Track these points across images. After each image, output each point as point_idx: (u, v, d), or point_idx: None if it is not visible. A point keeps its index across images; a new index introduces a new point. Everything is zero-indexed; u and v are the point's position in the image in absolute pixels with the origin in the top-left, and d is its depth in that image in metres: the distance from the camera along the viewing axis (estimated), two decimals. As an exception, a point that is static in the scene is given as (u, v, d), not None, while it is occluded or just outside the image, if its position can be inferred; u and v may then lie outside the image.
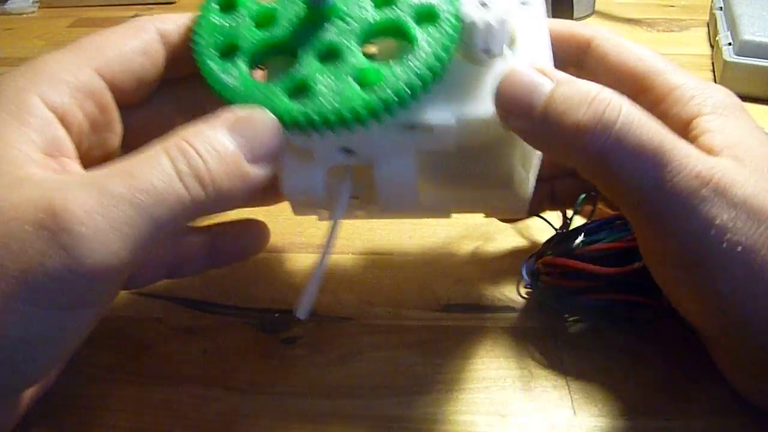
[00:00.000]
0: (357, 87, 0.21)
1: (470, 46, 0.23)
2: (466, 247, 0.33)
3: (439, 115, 0.23)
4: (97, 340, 0.29)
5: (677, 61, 0.26)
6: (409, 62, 0.22)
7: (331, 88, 0.22)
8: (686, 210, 0.21)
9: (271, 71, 0.24)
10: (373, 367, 0.28)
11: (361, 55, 0.22)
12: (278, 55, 0.23)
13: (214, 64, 0.23)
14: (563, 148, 0.22)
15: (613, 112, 0.21)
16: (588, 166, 0.22)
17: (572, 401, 0.26)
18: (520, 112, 0.22)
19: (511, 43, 0.24)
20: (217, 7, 0.24)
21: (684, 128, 0.24)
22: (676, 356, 0.27)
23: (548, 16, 0.25)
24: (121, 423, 0.26)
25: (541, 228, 0.32)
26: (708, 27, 0.57)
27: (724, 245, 0.21)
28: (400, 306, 0.30)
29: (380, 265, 0.33)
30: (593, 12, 0.63)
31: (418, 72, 0.21)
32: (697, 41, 0.55)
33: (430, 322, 0.30)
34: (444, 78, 0.22)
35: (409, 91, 0.21)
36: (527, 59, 0.24)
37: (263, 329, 0.29)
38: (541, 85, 0.22)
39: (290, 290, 0.31)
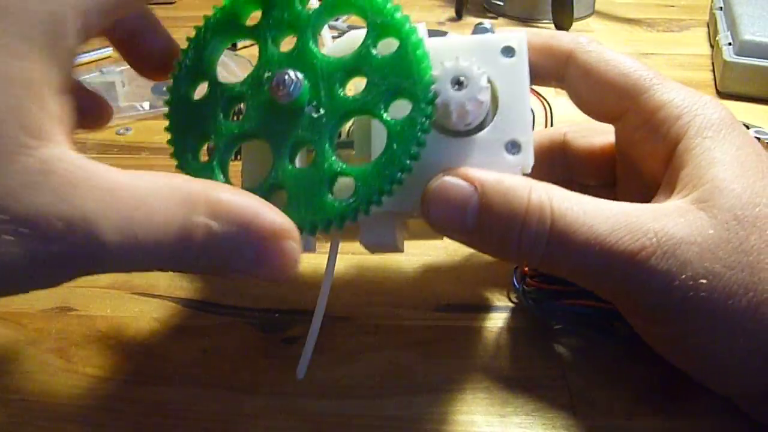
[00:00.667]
0: (329, 197, 0.21)
1: (446, 125, 0.23)
2: (466, 247, 0.33)
3: (410, 203, 0.23)
4: (97, 340, 0.29)
5: (677, 61, 0.26)
6: (382, 162, 0.21)
7: (304, 197, 0.22)
8: (640, 284, 0.21)
9: (246, 160, 0.25)
10: (373, 367, 0.28)
11: (332, 157, 0.22)
12: (251, 139, 0.23)
13: (192, 170, 0.23)
14: (505, 254, 0.23)
15: (542, 219, 0.21)
16: (535, 266, 0.23)
17: (572, 401, 0.26)
18: (453, 230, 0.22)
19: (494, 106, 0.23)
20: (187, 79, 0.24)
21: (669, 155, 0.24)
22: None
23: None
24: (121, 423, 0.26)
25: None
26: (708, 27, 0.57)
27: (686, 300, 0.21)
28: (400, 306, 0.30)
29: (380, 265, 0.33)
30: (593, 12, 0.63)
31: (390, 174, 0.21)
32: (697, 41, 0.55)
33: (430, 322, 0.30)
34: (421, 156, 0.22)
35: (379, 196, 0.21)
36: (506, 131, 0.23)
37: (263, 329, 0.29)
38: (469, 200, 0.22)
39: (290, 290, 0.31)
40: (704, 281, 0.21)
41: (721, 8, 0.54)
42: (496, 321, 0.29)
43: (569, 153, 0.30)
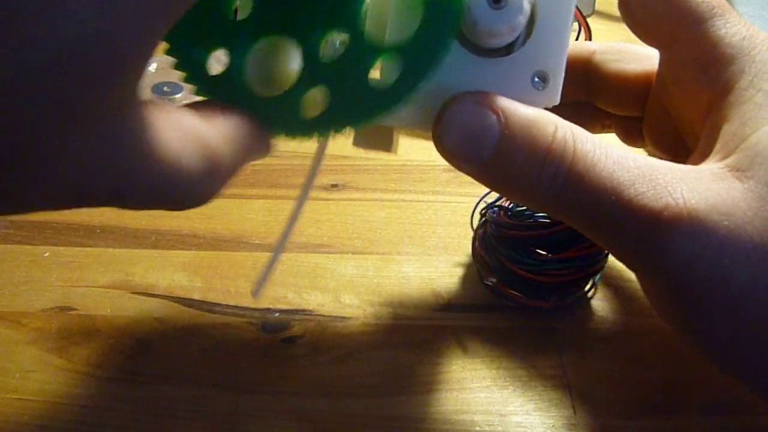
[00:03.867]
0: (371, 84, 0.20)
1: (469, 37, 0.20)
2: (466, 247, 0.33)
3: (417, 118, 0.21)
4: (97, 340, 0.29)
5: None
6: (419, 43, 0.19)
7: (348, 90, 0.20)
8: (659, 247, 0.19)
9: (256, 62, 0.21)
10: (373, 367, 0.28)
11: (367, 36, 0.19)
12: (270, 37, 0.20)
13: (206, 87, 0.20)
14: (517, 192, 0.21)
15: (563, 158, 0.19)
16: (546, 211, 0.21)
17: (572, 401, 0.26)
18: (467, 159, 0.20)
19: (528, 25, 0.20)
20: None
21: (713, 103, 0.21)
22: (676, 356, 0.27)
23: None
24: (121, 423, 0.26)
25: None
26: (708, 27, 0.57)
27: (708, 280, 0.19)
28: (400, 306, 0.30)
29: (380, 265, 0.33)
30: (593, 12, 0.63)
31: (432, 54, 0.19)
32: (697, 41, 0.55)
33: (430, 322, 0.30)
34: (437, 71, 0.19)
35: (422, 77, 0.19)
36: (537, 59, 0.20)
37: (263, 329, 0.29)
38: (489, 128, 0.19)
39: (290, 290, 0.31)
40: (728, 261, 0.18)
41: (721, 8, 0.54)
42: (497, 321, 0.29)
43: (595, 75, 0.26)
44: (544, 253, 0.29)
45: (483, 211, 0.31)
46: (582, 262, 0.28)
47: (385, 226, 0.35)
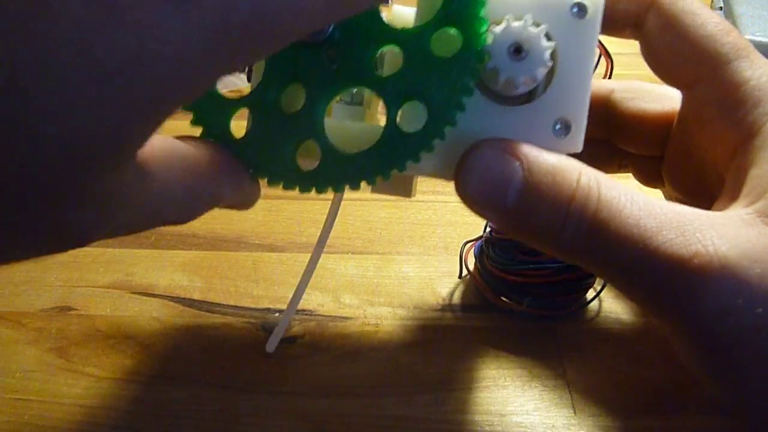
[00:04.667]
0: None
1: (490, 86, 0.20)
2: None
3: (438, 168, 0.21)
4: (97, 340, 0.29)
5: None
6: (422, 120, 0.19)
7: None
8: (688, 296, 0.18)
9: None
10: (373, 367, 0.28)
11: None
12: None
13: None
14: (540, 239, 0.20)
15: (587, 205, 0.19)
16: (570, 259, 0.20)
17: (572, 401, 0.26)
18: (489, 207, 0.20)
19: (551, 73, 0.20)
20: None
21: (739, 146, 0.21)
22: (676, 356, 0.27)
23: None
24: (121, 423, 0.26)
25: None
26: (708, 27, 0.57)
27: (738, 330, 0.18)
28: (400, 306, 0.30)
29: (380, 265, 0.33)
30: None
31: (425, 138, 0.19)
32: (697, 41, 0.55)
33: (430, 322, 0.30)
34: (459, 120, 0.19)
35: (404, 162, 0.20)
36: (559, 106, 0.20)
37: (263, 329, 0.29)
38: (512, 175, 0.19)
39: (290, 290, 0.31)
40: (761, 310, 0.18)
41: (721, 8, 0.53)
42: (496, 321, 0.29)
43: (614, 114, 0.26)
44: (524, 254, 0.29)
45: None
46: (556, 262, 0.28)
47: (385, 226, 0.35)
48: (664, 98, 0.25)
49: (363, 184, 0.20)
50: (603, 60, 0.30)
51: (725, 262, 0.18)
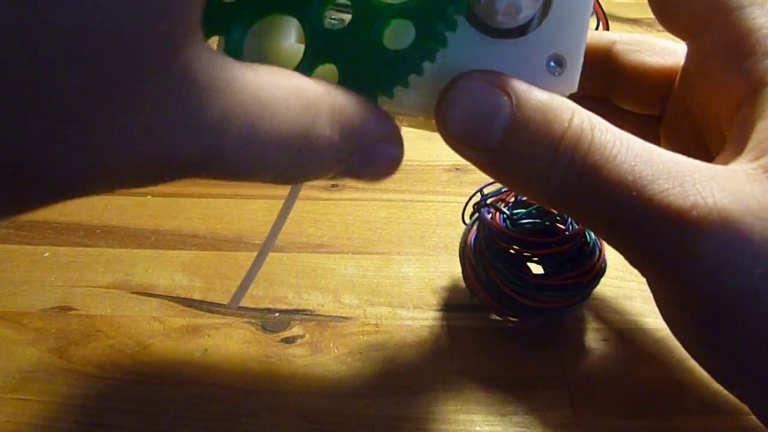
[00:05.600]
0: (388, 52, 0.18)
1: (481, 17, 0.18)
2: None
3: (419, 105, 0.19)
4: (97, 340, 0.29)
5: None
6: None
7: (362, 64, 0.18)
8: (683, 250, 0.17)
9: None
10: (373, 367, 0.28)
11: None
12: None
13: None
14: (526, 183, 0.19)
15: (579, 147, 0.17)
16: (558, 207, 0.19)
17: (572, 401, 0.26)
18: (472, 144, 0.18)
19: (546, 5, 0.19)
20: None
21: (745, 97, 0.19)
22: (676, 356, 0.27)
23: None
24: (122, 423, 0.26)
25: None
26: (708, 27, 0.57)
27: (736, 290, 0.17)
28: (400, 306, 0.30)
29: (380, 265, 0.33)
30: (593, 12, 0.63)
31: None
32: (697, 41, 0.55)
33: (430, 322, 0.30)
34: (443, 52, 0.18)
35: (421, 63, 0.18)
36: (554, 41, 0.19)
37: (263, 329, 0.29)
38: (499, 110, 0.18)
39: (290, 290, 0.31)
40: (760, 271, 0.16)
41: None
42: (497, 321, 0.29)
43: (614, 67, 0.24)
44: (536, 272, 0.28)
45: (477, 206, 0.29)
46: (571, 292, 0.27)
47: (385, 226, 0.35)
48: (668, 52, 0.24)
49: None
50: (601, 25, 0.30)
51: (726, 216, 0.16)
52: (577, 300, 0.28)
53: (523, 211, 0.28)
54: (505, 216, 0.28)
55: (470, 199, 0.30)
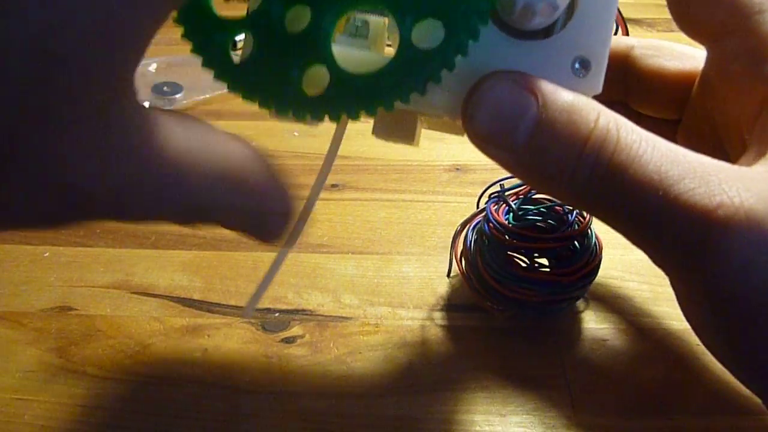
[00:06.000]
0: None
1: (505, 19, 0.19)
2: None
3: (445, 105, 0.19)
4: (97, 340, 0.29)
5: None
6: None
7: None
8: (710, 250, 0.17)
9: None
10: (373, 367, 0.28)
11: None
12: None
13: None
14: (551, 183, 0.19)
15: (605, 146, 0.18)
16: (583, 206, 0.19)
17: (572, 401, 0.26)
18: (498, 144, 0.18)
19: (571, 7, 0.19)
20: None
21: (763, 103, 0.19)
22: (676, 356, 0.27)
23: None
24: (122, 423, 0.26)
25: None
26: (708, 27, 0.57)
27: (763, 290, 0.17)
28: (400, 306, 0.30)
29: (380, 265, 0.33)
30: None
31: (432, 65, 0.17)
32: (697, 41, 0.55)
33: (430, 322, 0.30)
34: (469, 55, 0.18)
35: (408, 94, 0.18)
36: (578, 43, 0.19)
37: (263, 329, 0.29)
38: (525, 110, 0.18)
39: (290, 290, 0.31)
40: None
41: None
42: (497, 321, 0.29)
43: (632, 71, 0.25)
44: (523, 263, 0.28)
45: (493, 194, 0.30)
46: (550, 288, 0.28)
47: (385, 226, 0.35)
48: (687, 57, 0.24)
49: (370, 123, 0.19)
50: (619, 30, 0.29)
51: (752, 215, 0.16)
52: (562, 298, 0.28)
53: (531, 208, 0.29)
54: (509, 209, 0.29)
55: (488, 188, 0.31)
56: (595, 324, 0.29)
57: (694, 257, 0.17)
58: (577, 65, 0.19)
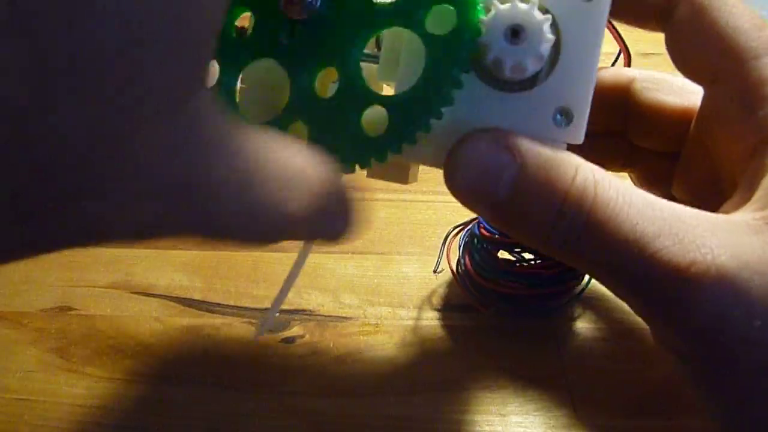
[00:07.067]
0: (363, 129, 0.19)
1: (491, 72, 0.19)
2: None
3: (431, 155, 0.20)
4: (97, 340, 0.29)
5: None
6: (420, 90, 0.18)
7: (332, 129, 0.19)
8: (685, 306, 0.17)
9: (248, 84, 0.21)
10: (373, 367, 0.28)
11: (363, 80, 0.19)
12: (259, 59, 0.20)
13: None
14: (532, 237, 0.19)
15: (582, 204, 0.18)
16: (563, 259, 0.20)
17: (572, 401, 0.26)
18: (479, 201, 0.19)
19: (553, 56, 0.19)
20: None
21: (757, 146, 0.20)
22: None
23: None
24: (122, 423, 0.26)
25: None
26: (708, 27, 0.57)
27: (735, 342, 0.17)
28: (400, 306, 0.30)
29: (380, 265, 0.33)
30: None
31: (430, 106, 0.18)
32: (697, 41, 0.55)
33: (430, 322, 0.30)
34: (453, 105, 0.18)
35: (414, 132, 0.19)
36: (561, 94, 0.19)
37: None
38: (504, 169, 0.18)
39: (290, 290, 0.31)
40: (760, 323, 0.17)
41: None
42: (496, 321, 0.29)
43: (631, 104, 0.25)
44: (507, 258, 0.29)
45: None
46: (530, 280, 0.28)
47: (385, 226, 0.35)
48: (686, 92, 0.24)
49: (358, 168, 0.20)
50: (621, 57, 0.29)
51: (723, 272, 0.17)
52: (548, 292, 0.29)
53: None
54: None
55: None
56: (595, 324, 0.29)
57: (670, 313, 0.18)
58: (558, 116, 0.19)
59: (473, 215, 0.30)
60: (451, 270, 0.30)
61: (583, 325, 0.29)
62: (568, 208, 0.18)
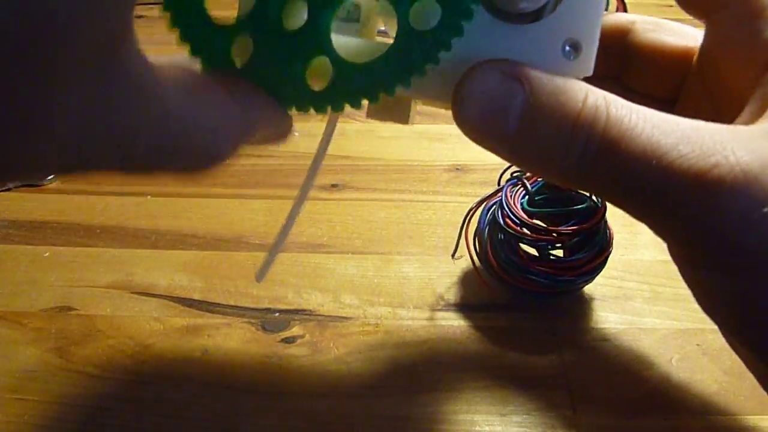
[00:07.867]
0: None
1: (496, 3, 0.19)
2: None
3: (437, 90, 0.19)
4: (97, 340, 0.29)
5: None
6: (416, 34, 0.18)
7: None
8: (707, 209, 0.17)
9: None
10: (373, 367, 0.28)
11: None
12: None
13: None
14: (546, 165, 0.19)
15: (596, 123, 0.18)
16: (580, 185, 0.19)
17: (572, 401, 0.26)
18: (489, 133, 0.19)
19: None
20: None
21: (764, 69, 0.20)
22: (675, 356, 0.27)
23: None
24: (122, 423, 0.26)
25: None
26: (708, 27, 0.57)
27: (762, 242, 0.17)
28: (400, 306, 0.30)
29: (380, 265, 0.33)
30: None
31: (429, 48, 0.18)
32: (697, 41, 0.55)
33: (430, 322, 0.30)
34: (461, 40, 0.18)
35: (409, 76, 0.18)
36: (569, 26, 0.19)
37: (263, 329, 0.29)
38: (513, 98, 0.18)
39: (290, 290, 0.31)
40: None
41: (721, 8, 0.54)
42: (496, 321, 0.29)
43: (632, 45, 0.25)
44: (530, 252, 0.29)
45: (513, 174, 0.31)
46: (551, 280, 0.28)
47: (385, 226, 0.35)
48: (687, 34, 0.24)
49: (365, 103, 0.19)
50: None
51: (748, 170, 0.17)
52: (562, 291, 0.29)
53: (547, 194, 0.30)
54: (526, 192, 0.29)
55: (507, 168, 0.31)
56: (595, 324, 0.29)
57: (692, 220, 0.18)
58: (567, 48, 0.19)
59: (487, 197, 0.30)
60: (471, 258, 0.31)
61: (583, 326, 0.29)
62: (582, 128, 0.18)
